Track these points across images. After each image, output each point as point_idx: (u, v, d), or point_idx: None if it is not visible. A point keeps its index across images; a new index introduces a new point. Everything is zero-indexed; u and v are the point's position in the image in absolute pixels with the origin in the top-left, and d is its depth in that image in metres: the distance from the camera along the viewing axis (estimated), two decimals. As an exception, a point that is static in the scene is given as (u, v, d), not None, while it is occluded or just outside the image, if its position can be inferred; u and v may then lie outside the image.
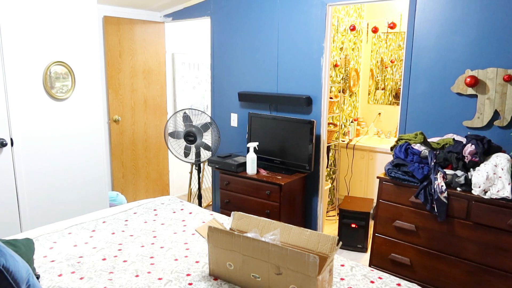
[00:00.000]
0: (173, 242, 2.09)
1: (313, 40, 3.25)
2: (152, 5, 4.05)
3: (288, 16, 3.36)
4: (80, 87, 3.04)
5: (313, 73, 3.29)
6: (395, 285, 1.71)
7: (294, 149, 3.32)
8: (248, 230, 1.78)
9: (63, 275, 1.74)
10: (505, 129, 2.50)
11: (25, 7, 2.66)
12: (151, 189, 4.42)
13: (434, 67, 2.71)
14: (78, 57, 3.00)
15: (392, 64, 4.55)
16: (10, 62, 2.63)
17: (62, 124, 2.97)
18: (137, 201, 2.75)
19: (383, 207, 2.57)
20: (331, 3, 3.12)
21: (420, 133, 2.56)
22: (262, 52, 3.58)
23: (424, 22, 2.72)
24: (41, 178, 2.88)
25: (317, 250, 1.64)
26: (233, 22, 3.74)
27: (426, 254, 2.42)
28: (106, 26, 3.78)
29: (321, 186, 3.43)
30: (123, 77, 3.98)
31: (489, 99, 2.51)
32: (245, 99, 3.69)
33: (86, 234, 2.18)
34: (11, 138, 2.69)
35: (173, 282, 1.69)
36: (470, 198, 2.22)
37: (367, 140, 4.53)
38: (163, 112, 4.43)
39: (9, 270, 1.23)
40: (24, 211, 2.81)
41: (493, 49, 2.48)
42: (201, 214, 2.50)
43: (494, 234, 2.17)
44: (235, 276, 1.64)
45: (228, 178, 3.39)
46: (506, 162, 2.19)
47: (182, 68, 4.67)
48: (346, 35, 4.38)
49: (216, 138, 3.66)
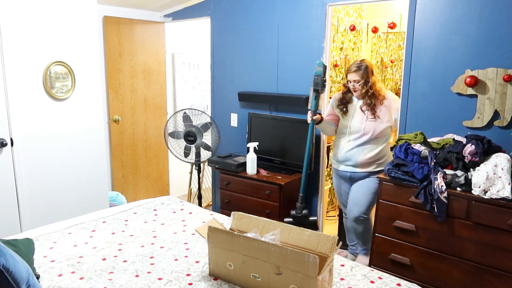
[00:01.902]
0: (173, 242, 2.09)
1: (313, 40, 3.25)
2: (152, 5, 4.05)
3: (288, 16, 3.36)
4: (80, 87, 3.04)
5: (313, 73, 3.28)
6: (395, 285, 1.71)
7: (294, 149, 3.32)
8: (248, 230, 1.78)
9: (63, 275, 1.74)
10: (505, 129, 2.49)
11: (25, 7, 2.66)
12: (151, 189, 4.42)
13: (434, 67, 2.71)
14: (78, 57, 3.00)
15: (392, 64, 4.55)
16: (10, 62, 2.63)
17: (62, 124, 2.97)
18: (137, 201, 2.75)
19: (383, 207, 2.57)
20: (331, 3, 3.12)
21: (420, 133, 2.56)
22: (262, 52, 3.58)
23: (424, 22, 2.71)
24: (41, 178, 2.88)
25: (317, 250, 1.64)
26: (233, 22, 3.74)
27: (426, 254, 2.42)
28: (106, 26, 3.78)
29: (321, 186, 3.43)
30: (123, 77, 3.98)
31: (489, 99, 2.51)
32: (245, 99, 3.69)
33: (86, 234, 2.18)
34: (11, 138, 2.69)
35: (173, 282, 1.69)
36: (470, 198, 2.22)
37: (367, 140, 4.52)
38: (163, 112, 4.43)
39: (9, 270, 1.23)
40: (24, 211, 2.81)
41: (493, 49, 2.48)
42: (201, 214, 2.50)
43: (494, 234, 2.17)
44: (235, 276, 1.64)
45: (228, 178, 3.39)
46: (506, 162, 2.19)
47: (182, 68, 4.67)
48: (346, 35, 4.38)
49: (216, 138, 3.66)
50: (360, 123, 2.83)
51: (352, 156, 2.86)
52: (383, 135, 2.82)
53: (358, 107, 2.86)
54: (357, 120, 2.85)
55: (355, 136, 2.84)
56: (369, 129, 2.79)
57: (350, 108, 2.90)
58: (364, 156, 2.82)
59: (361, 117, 2.84)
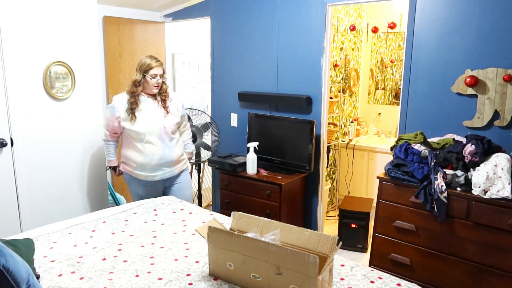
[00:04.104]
0: (173, 242, 2.09)
1: (313, 40, 3.25)
2: (152, 5, 4.05)
3: (288, 16, 3.36)
4: (80, 87, 3.04)
5: (313, 73, 3.29)
6: (395, 285, 1.71)
7: (294, 149, 3.32)
8: (248, 230, 1.78)
9: (63, 275, 1.74)
10: (505, 129, 2.49)
11: (25, 7, 2.66)
12: (151, 189, 4.42)
13: (434, 67, 2.71)
14: (78, 57, 3.00)
15: (392, 64, 4.55)
16: (10, 62, 2.63)
17: (62, 124, 2.97)
18: (137, 201, 2.75)
19: (383, 207, 2.57)
20: (331, 3, 3.12)
21: (420, 133, 2.56)
22: (262, 52, 3.58)
23: (424, 22, 2.72)
24: (41, 178, 2.88)
25: (317, 250, 1.64)
26: (233, 22, 3.74)
27: (426, 254, 2.42)
28: (106, 26, 3.78)
29: (321, 186, 3.43)
30: (123, 77, 3.98)
31: (489, 99, 2.51)
32: (245, 99, 3.69)
33: (86, 234, 2.18)
34: (11, 138, 2.69)
35: (173, 282, 1.69)
36: (470, 198, 2.22)
37: (367, 140, 4.53)
38: (163, 112, 4.42)
39: (9, 270, 1.23)
40: (24, 211, 2.81)
41: (493, 49, 2.48)
42: (201, 214, 2.50)
43: (494, 234, 2.17)
44: (235, 276, 1.64)
45: (228, 178, 3.39)
46: (506, 162, 2.19)
47: (182, 68, 4.67)
48: (346, 35, 4.38)
49: (216, 138, 3.66)
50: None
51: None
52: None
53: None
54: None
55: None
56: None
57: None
58: None
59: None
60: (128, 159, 2.82)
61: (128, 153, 2.81)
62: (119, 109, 2.73)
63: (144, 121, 2.73)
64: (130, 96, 2.72)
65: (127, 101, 2.73)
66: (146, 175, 2.81)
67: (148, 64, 2.68)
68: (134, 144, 2.77)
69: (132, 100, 2.71)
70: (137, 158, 2.78)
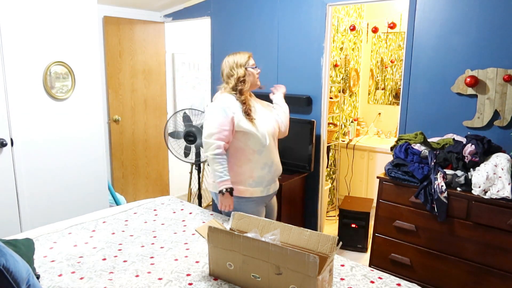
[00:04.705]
0: (173, 242, 2.09)
1: (313, 40, 3.25)
2: (152, 5, 4.05)
3: (288, 16, 3.36)
4: (80, 87, 3.04)
5: (313, 73, 3.29)
6: (395, 285, 1.71)
7: (294, 149, 3.32)
8: (248, 230, 1.78)
9: (63, 275, 1.74)
10: (505, 129, 2.50)
11: (25, 7, 2.66)
12: (151, 189, 4.42)
13: (434, 67, 2.71)
14: (78, 57, 3.00)
15: (392, 64, 4.55)
16: (10, 62, 2.63)
17: (62, 124, 2.97)
18: (137, 201, 2.75)
19: (383, 207, 2.57)
20: (331, 3, 3.12)
21: (420, 133, 2.56)
22: (262, 52, 3.57)
23: (424, 22, 2.72)
24: (41, 178, 2.88)
25: (317, 250, 1.64)
26: (233, 22, 3.74)
27: (426, 254, 2.42)
28: (106, 26, 3.78)
29: (321, 186, 3.43)
30: (123, 77, 3.98)
31: (489, 99, 2.51)
32: (245, 99, 3.68)
33: (86, 234, 2.18)
34: (11, 138, 2.69)
35: (173, 282, 1.69)
36: (470, 198, 2.22)
37: (367, 140, 4.53)
38: (163, 112, 4.43)
39: (9, 270, 1.23)
40: (24, 211, 2.81)
41: (493, 49, 2.48)
42: (201, 214, 2.50)
43: (494, 234, 2.17)
44: (235, 276, 1.64)
45: (228, 178, 3.38)
46: (506, 162, 2.19)
47: (182, 68, 4.67)
48: (346, 35, 4.38)
49: (216, 138, 3.64)
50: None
51: None
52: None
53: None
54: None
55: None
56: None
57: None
58: None
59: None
60: (241, 175, 2.27)
61: (242, 168, 2.26)
62: (231, 108, 2.20)
63: (262, 121, 2.26)
64: (239, 94, 2.26)
65: (236, 99, 2.25)
66: (262, 190, 2.32)
67: (245, 57, 2.35)
68: (249, 154, 2.26)
69: (243, 98, 2.25)
70: (254, 171, 2.27)
